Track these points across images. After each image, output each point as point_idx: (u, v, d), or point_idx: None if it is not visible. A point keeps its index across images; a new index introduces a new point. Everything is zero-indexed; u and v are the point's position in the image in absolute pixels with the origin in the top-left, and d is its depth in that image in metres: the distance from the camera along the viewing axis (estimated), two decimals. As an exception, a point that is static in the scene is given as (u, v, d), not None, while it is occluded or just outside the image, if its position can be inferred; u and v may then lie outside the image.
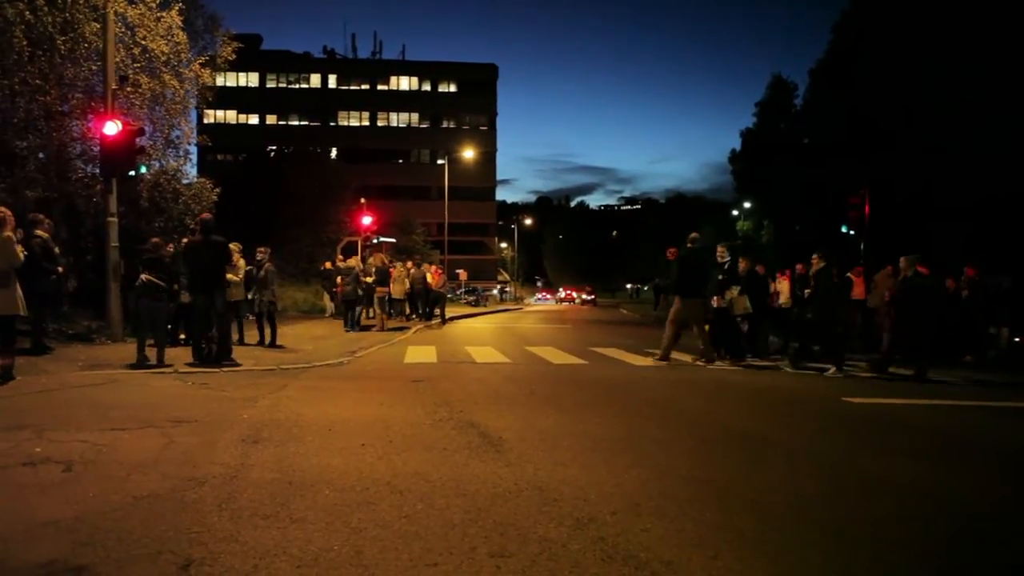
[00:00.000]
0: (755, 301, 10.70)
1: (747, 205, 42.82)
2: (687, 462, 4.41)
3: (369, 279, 15.85)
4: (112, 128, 10.76)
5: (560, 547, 2.89)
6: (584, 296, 62.27)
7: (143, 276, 8.42)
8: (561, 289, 73.90)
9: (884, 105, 23.27)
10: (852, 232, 15.91)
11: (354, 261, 17.10)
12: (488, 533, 3.03)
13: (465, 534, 3.01)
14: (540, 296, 73.27)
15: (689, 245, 10.59)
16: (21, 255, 6.98)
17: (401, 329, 16.32)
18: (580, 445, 4.80)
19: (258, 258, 11.86)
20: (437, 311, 20.08)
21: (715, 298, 10.59)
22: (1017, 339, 12.64)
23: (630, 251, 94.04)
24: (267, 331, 11.65)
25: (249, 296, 11.70)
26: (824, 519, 3.36)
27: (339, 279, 15.74)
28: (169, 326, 10.54)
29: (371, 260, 17.14)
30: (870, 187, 16.15)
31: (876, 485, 4.03)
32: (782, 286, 12.71)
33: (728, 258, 10.94)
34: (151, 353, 8.41)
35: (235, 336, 10.47)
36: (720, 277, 10.78)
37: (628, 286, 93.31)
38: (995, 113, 20.02)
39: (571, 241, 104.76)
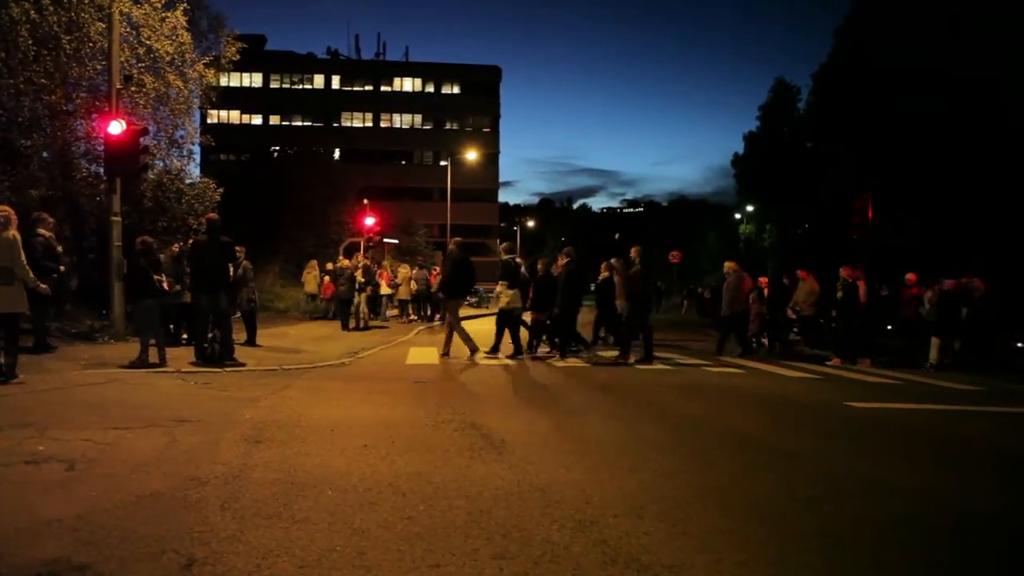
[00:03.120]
0: (543, 300, 11.37)
1: (750, 208, 42.80)
2: (689, 465, 4.40)
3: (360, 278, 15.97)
4: (116, 127, 10.78)
5: (562, 549, 2.89)
6: None
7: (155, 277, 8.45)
8: None
9: (887, 109, 23.24)
10: (855, 237, 15.89)
11: (346, 262, 17.08)
12: (490, 535, 3.03)
13: (467, 536, 3.01)
14: None
15: (451, 247, 11.28)
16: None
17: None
18: (582, 448, 4.80)
19: None
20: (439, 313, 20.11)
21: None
22: (1020, 344, 12.57)
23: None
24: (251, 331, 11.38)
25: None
26: (826, 523, 3.36)
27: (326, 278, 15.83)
28: (172, 326, 10.56)
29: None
30: (873, 192, 16.14)
31: (878, 489, 4.03)
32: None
33: (507, 256, 11.57)
34: (154, 353, 8.41)
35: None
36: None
37: None
38: (998, 117, 19.97)
39: (573, 243, 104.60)
